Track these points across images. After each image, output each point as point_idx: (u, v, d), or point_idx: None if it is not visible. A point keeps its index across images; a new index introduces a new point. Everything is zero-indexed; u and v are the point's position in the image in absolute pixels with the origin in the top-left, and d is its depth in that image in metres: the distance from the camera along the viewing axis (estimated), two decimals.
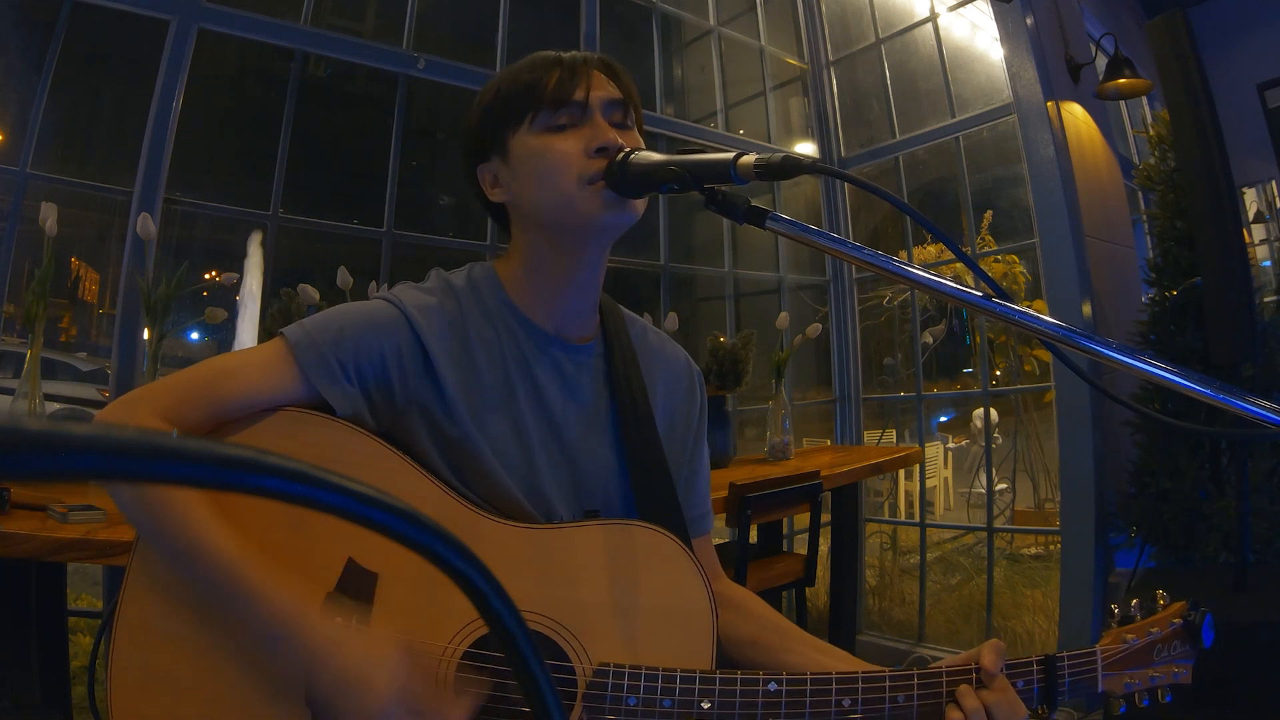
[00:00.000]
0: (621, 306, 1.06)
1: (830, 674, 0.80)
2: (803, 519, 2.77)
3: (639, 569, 0.83)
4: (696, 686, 0.78)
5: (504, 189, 0.93)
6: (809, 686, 0.79)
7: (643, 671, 0.78)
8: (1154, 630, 0.86)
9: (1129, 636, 0.85)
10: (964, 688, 0.81)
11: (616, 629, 0.81)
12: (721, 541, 2.79)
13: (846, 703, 0.79)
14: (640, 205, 0.89)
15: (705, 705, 0.78)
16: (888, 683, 0.80)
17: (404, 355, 0.87)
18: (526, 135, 0.89)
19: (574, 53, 0.91)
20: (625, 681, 0.78)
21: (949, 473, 6.07)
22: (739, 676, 0.79)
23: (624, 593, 0.82)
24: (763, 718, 0.78)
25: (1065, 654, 0.84)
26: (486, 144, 0.93)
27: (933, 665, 0.84)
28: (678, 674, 0.78)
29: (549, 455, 0.92)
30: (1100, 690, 0.84)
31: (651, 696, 0.78)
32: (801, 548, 2.81)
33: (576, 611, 0.81)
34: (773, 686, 0.79)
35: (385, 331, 0.87)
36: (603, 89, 0.89)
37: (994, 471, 3.76)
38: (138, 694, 0.78)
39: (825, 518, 2.59)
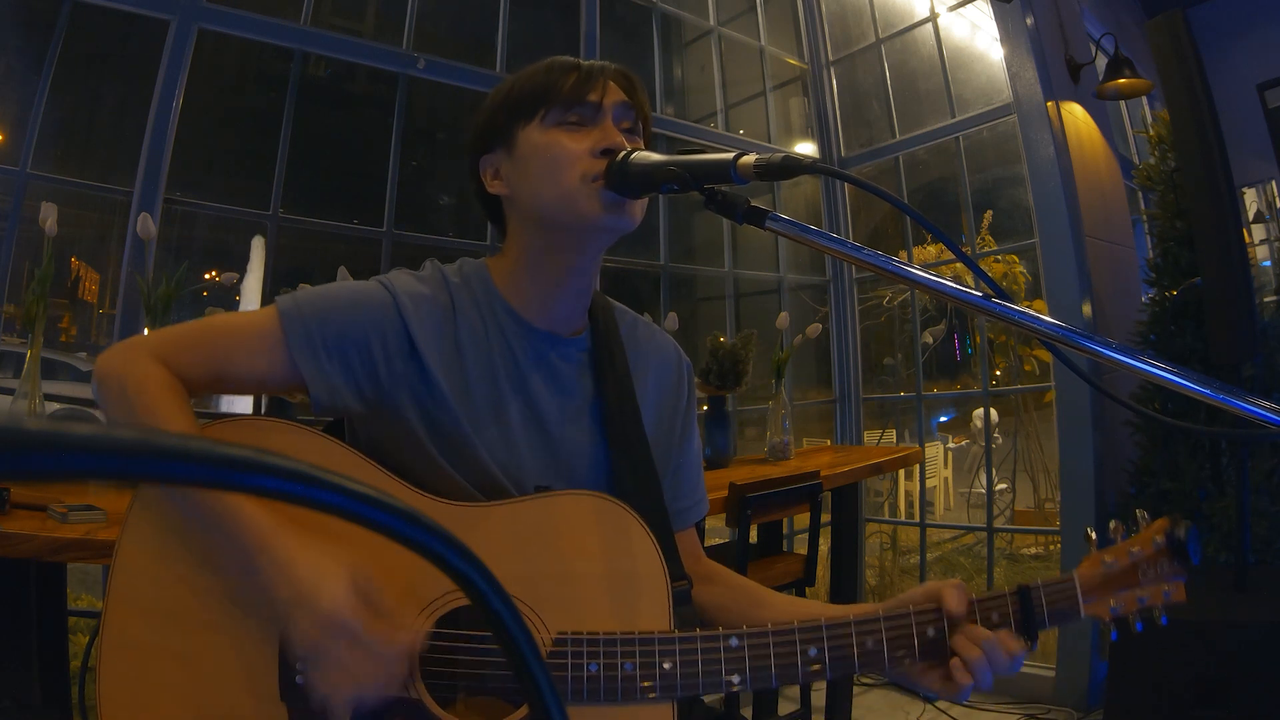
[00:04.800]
0: (613, 300, 1.06)
1: (792, 624, 0.79)
2: (803, 519, 2.77)
3: (587, 536, 0.82)
4: (656, 648, 0.77)
5: (504, 181, 0.94)
6: (771, 639, 0.78)
7: (601, 637, 0.77)
8: (1135, 550, 0.83)
9: (1108, 559, 0.82)
10: (959, 639, 0.79)
11: (571, 597, 0.80)
12: (722, 541, 2.79)
13: (813, 652, 0.78)
14: (639, 213, 0.90)
15: (667, 666, 0.77)
16: (853, 629, 0.79)
17: (389, 339, 0.88)
18: (535, 130, 0.90)
19: (592, 61, 0.93)
20: (585, 649, 0.77)
21: (949, 473, 6.07)
22: (699, 635, 0.78)
23: (575, 561, 0.81)
24: (727, 674, 0.77)
25: (1040, 583, 0.82)
26: (493, 136, 0.94)
27: (893, 601, 0.83)
28: (636, 637, 0.77)
29: (533, 449, 0.93)
30: (1084, 616, 0.82)
31: (612, 661, 0.77)
32: (801, 548, 2.81)
33: (529, 585, 0.80)
34: (734, 642, 0.77)
35: (372, 314, 0.89)
36: (617, 96, 0.91)
37: (994, 471, 3.75)
38: (126, 705, 0.78)
39: (825, 518, 2.59)
